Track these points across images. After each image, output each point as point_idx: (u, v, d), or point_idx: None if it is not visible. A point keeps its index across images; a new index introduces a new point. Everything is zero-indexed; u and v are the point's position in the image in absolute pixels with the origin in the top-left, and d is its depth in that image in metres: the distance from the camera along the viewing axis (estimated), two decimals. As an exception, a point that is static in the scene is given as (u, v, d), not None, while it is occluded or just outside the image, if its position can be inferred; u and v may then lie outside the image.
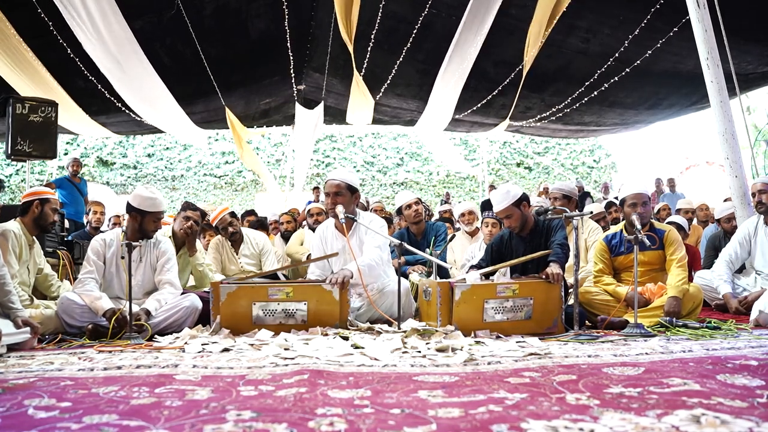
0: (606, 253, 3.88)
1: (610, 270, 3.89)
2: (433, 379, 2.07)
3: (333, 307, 3.31)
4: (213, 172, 17.89)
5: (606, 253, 3.88)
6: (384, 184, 18.50)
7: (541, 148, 19.27)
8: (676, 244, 3.73)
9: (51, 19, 5.90)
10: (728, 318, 3.66)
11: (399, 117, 11.03)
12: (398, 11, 7.27)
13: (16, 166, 15.65)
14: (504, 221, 3.67)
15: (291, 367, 2.30)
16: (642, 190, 3.77)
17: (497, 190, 3.67)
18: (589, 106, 9.63)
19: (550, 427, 1.49)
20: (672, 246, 3.73)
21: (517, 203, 3.60)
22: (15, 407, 1.72)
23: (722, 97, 4.86)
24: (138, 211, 3.53)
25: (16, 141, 6.00)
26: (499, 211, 3.64)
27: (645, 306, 3.58)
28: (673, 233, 3.79)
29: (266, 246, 5.04)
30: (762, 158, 13.98)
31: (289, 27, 7.41)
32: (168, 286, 3.55)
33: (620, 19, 6.88)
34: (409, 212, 4.64)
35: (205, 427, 1.51)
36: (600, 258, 3.90)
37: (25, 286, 3.58)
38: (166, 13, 6.48)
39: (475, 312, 3.19)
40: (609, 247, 3.87)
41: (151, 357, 2.59)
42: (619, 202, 3.87)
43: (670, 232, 3.78)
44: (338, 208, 3.63)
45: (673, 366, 2.25)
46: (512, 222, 3.63)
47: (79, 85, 7.23)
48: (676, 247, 3.72)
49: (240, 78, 8.69)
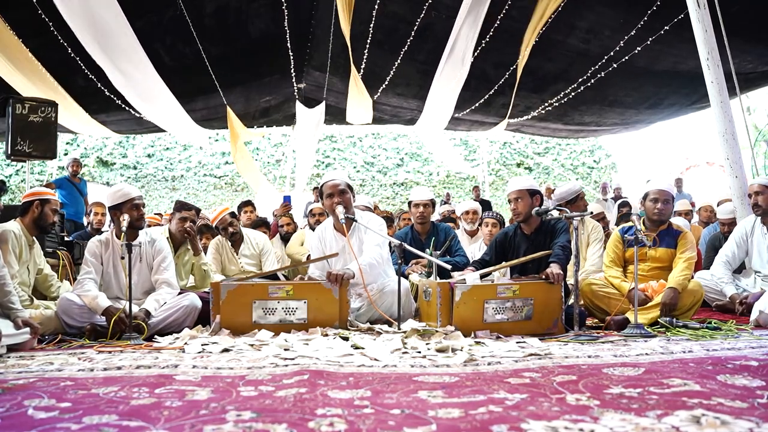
0: (619, 244, 3.91)
1: (620, 262, 3.91)
2: (433, 379, 2.07)
3: (333, 307, 3.31)
4: (213, 172, 17.87)
5: (620, 244, 3.90)
6: (384, 184, 18.48)
7: (541, 149, 19.25)
8: (689, 245, 3.77)
9: (51, 19, 5.90)
10: (728, 318, 3.66)
11: (399, 116, 11.04)
12: (398, 11, 7.27)
13: (16, 167, 15.64)
14: (512, 203, 3.71)
15: (291, 367, 2.30)
16: (666, 188, 3.82)
17: (520, 176, 3.74)
18: (590, 106, 9.63)
19: (550, 427, 1.49)
20: (684, 246, 3.76)
21: (531, 193, 3.68)
22: (15, 407, 1.72)
23: (722, 97, 4.86)
24: (115, 208, 3.50)
25: (16, 141, 5.99)
26: (513, 191, 3.71)
27: (645, 303, 3.58)
28: (690, 236, 3.82)
29: (266, 246, 5.04)
30: (762, 158, 13.98)
31: (289, 26, 7.43)
32: (165, 285, 3.55)
33: (620, 21, 6.89)
34: (415, 210, 4.64)
35: (205, 427, 1.51)
36: (613, 248, 3.93)
37: (25, 287, 3.57)
38: (167, 13, 6.49)
39: (476, 312, 3.18)
40: (623, 239, 3.90)
41: (151, 357, 2.59)
42: (642, 195, 3.91)
43: (687, 234, 3.81)
44: (338, 208, 3.63)
45: (674, 366, 2.25)
46: (519, 207, 3.67)
47: (79, 84, 7.22)
48: (688, 247, 3.76)
49: (240, 76, 8.69)
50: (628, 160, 19.29)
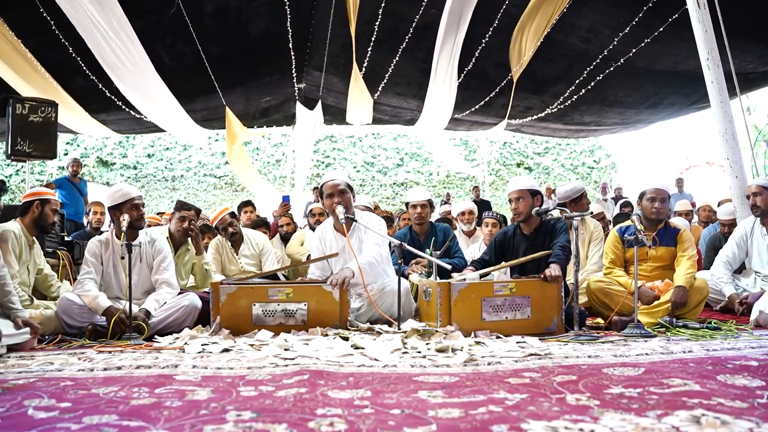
0: (619, 244, 3.90)
1: (621, 262, 3.91)
2: (433, 379, 2.07)
3: (333, 308, 3.31)
4: (213, 172, 17.86)
5: (619, 244, 3.90)
6: (384, 184, 18.47)
7: (541, 149, 19.24)
8: (689, 243, 3.79)
9: (52, 18, 5.90)
10: (729, 319, 3.66)
11: (399, 116, 11.03)
12: (398, 9, 7.27)
13: (16, 167, 15.63)
14: (513, 202, 3.72)
15: (291, 367, 2.30)
16: (663, 187, 3.83)
17: (520, 176, 3.74)
18: (590, 106, 9.62)
19: (550, 427, 1.49)
20: (684, 244, 3.77)
21: (532, 193, 3.69)
22: (15, 407, 1.72)
23: (722, 97, 4.86)
24: (115, 208, 3.50)
25: (16, 141, 5.99)
26: (514, 191, 3.72)
27: (653, 301, 3.60)
28: (688, 233, 3.83)
29: (266, 246, 5.04)
30: (762, 158, 13.98)
31: (289, 26, 7.42)
32: (165, 285, 3.55)
33: (620, 20, 6.89)
34: (413, 211, 4.64)
35: (205, 427, 1.51)
36: (612, 249, 3.93)
37: (25, 287, 3.57)
38: (166, 12, 6.49)
39: (474, 311, 3.19)
40: (622, 239, 3.89)
41: (151, 357, 2.59)
42: (639, 195, 3.90)
43: (685, 232, 3.82)
44: (338, 208, 3.63)
45: (674, 366, 2.25)
46: (520, 206, 3.68)
47: (79, 83, 7.22)
48: (689, 245, 3.77)
49: (240, 76, 8.69)
50: (628, 160, 19.28)
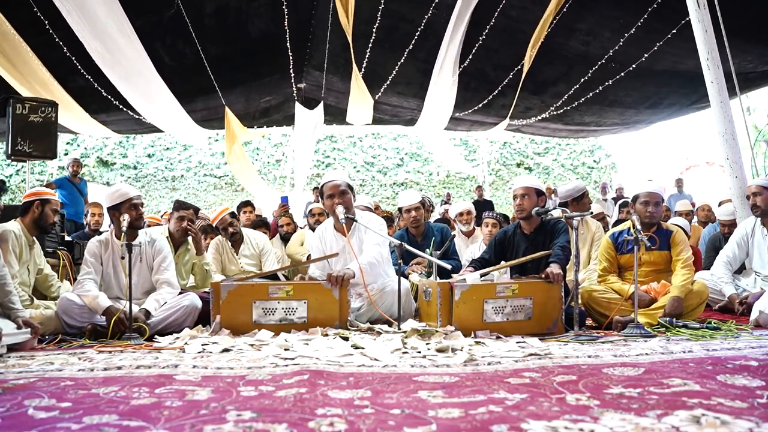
0: (612, 251, 3.88)
1: (615, 268, 3.88)
2: (433, 379, 2.07)
3: (333, 307, 3.31)
4: (213, 172, 17.86)
5: (612, 250, 3.88)
6: (384, 184, 18.47)
7: (541, 149, 19.23)
8: (683, 245, 3.74)
9: (51, 18, 5.90)
10: (728, 319, 3.66)
11: (399, 116, 11.03)
12: (398, 9, 7.27)
13: (16, 167, 15.63)
14: (518, 198, 3.72)
15: (291, 367, 2.30)
16: (656, 190, 3.80)
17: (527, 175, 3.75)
18: (590, 106, 9.62)
19: (550, 427, 1.49)
20: (678, 247, 3.74)
21: (538, 192, 3.71)
22: (15, 407, 1.72)
23: (722, 97, 4.86)
24: (114, 208, 3.50)
25: (16, 141, 5.99)
26: (520, 187, 3.73)
27: (650, 304, 3.59)
28: (680, 234, 3.80)
29: (266, 246, 5.04)
30: (762, 158, 13.97)
31: (289, 26, 7.42)
32: (165, 285, 3.55)
33: (620, 22, 6.89)
34: (408, 216, 4.63)
35: (205, 427, 1.51)
36: (605, 256, 3.89)
37: (25, 287, 3.57)
38: (166, 12, 6.49)
39: (475, 312, 3.19)
40: (615, 245, 3.88)
41: (151, 357, 2.59)
42: (632, 198, 3.89)
43: (677, 233, 3.79)
44: (339, 208, 3.63)
45: (673, 366, 2.25)
46: (525, 203, 3.68)
47: (79, 84, 7.22)
48: (683, 248, 3.73)
49: (240, 76, 8.69)
50: (628, 160, 19.27)
